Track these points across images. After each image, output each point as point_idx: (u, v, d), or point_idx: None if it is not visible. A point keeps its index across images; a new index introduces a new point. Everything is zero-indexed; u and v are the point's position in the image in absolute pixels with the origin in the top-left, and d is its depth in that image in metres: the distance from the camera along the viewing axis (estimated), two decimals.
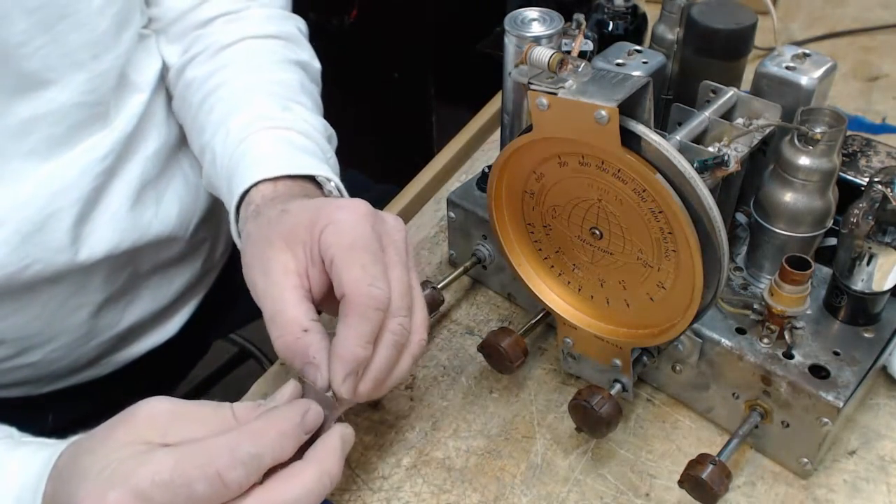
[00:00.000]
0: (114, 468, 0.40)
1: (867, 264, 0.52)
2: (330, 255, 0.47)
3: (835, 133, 0.51)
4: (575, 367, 0.61)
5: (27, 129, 0.60)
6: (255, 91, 0.66)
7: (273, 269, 0.49)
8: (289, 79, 0.69)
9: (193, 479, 0.39)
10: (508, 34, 0.55)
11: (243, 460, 0.40)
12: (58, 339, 0.69)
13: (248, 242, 0.52)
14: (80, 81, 0.62)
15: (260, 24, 0.72)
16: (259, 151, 0.60)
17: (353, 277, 0.46)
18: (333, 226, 0.48)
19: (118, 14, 0.63)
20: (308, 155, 0.60)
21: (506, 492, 0.55)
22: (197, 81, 0.69)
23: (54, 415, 0.75)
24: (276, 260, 0.49)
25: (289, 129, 0.62)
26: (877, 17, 1.06)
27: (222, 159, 0.62)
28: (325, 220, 0.48)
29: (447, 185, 0.83)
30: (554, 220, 0.54)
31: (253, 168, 0.58)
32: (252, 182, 0.57)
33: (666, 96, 0.63)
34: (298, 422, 0.43)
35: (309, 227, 0.49)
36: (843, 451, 0.56)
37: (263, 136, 0.61)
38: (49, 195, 0.62)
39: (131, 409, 0.43)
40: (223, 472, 0.40)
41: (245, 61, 0.69)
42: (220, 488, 0.40)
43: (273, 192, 0.56)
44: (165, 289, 0.77)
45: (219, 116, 0.65)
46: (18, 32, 0.57)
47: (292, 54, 0.72)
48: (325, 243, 0.48)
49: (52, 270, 0.64)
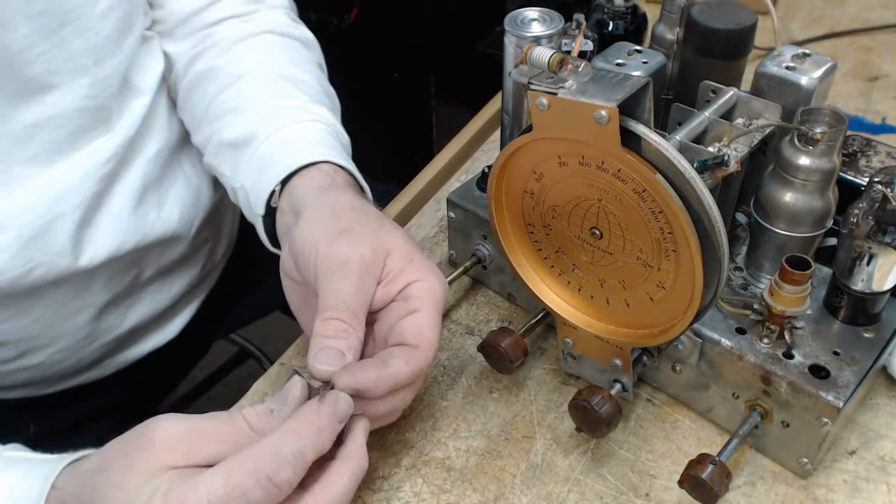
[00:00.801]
0: (161, 500, 0.40)
1: (867, 264, 0.52)
2: (416, 305, 0.51)
3: (835, 133, 0.51)
4: (575, 367, 0.61)
5: (30, 134, 0.60)
6: (287, 80, 0.67)
7: (351, 261, 0.50)
8: (310, 79, 0.69)
9: (248, 488, 0.40)
10: (508, 34, 0.55)
11: (289, 460, 0.41)
12: (59, 342, 0.69)
13: (324, 207, 0.54)
14: (82, 86, 0.62)
15: (274, 23, 0.72)
16: (315, 137, 0.62)
17: (431, 335, 0.50)
18: (427, 282, 0.52)
19: (121, 19, 0.63)
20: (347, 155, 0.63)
21: (506, 492, 0.55)
22: (215, 70, 0.68)
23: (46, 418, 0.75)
24: (354, 254, 0.51)
25: (330, 124, 0.64)
26: (877, 17, 1.06)
27: (266, 132, 0.62)
28: (419, 275, 0.52)
29: (447, 185, 0.83)
30: (554, 220, 0.54)
31: (316, 148, 0.60)
32: (319, 159, 0.59)
33: (666, 96, 0.63)
34: (332, 413, 0.44)
35: (401, 266, 0.52)
36: (843, 451, 0.56)
37: (311, 126, 0.63)
38: (51, 200, 0.62)
39: (143, 433, 0.43)
40: (272, 475, 0.40)
41: (271, 51, 0.70)
42: (273, 491, 0.41)
43: (336, 176, 0.58)
44: (167, 291, 0.77)
45: (252, 100, 0.65)
46: (21, 38, 0.57)
47: (313, 55, 0.72)
48: (414, 291, 0.51)
49: (54, 274, 0.63)
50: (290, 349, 0.66)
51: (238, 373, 1.27)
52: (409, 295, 0.51)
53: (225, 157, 0.65)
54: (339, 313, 0.48)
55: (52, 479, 0.44)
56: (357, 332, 0.48)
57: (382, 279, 0.52)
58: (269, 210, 0.60)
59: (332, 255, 0.50)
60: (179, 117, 0.73)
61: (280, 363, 0.65)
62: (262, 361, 1.19)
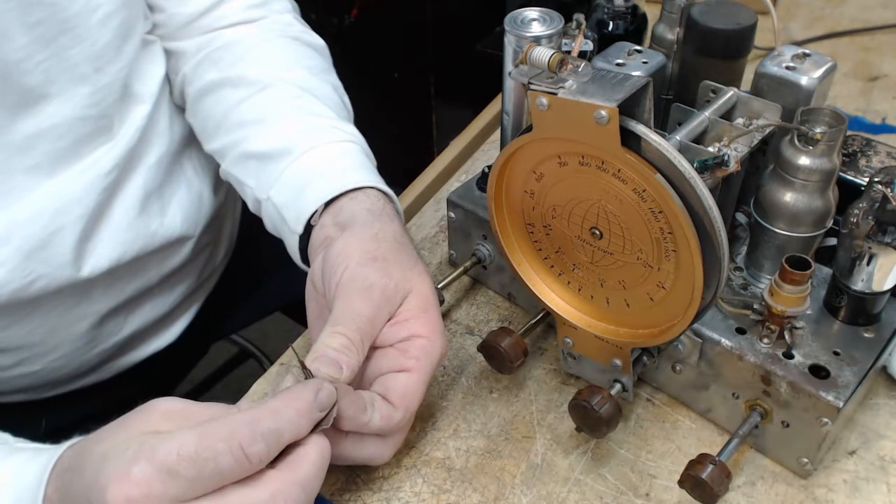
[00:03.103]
0: (136, 448, 0.40)
1: (867, 264, 0.52)
2: (411, 365, 0.51)
3: (835, 133, 0.51)
4: (575, 367, 0.61)
5: (30, 144, 0.60)
6: (310, 93, 0.67)
7: (375, 288, 0.51)
8: (330, 91, 0.69)
9: (219, 452, 0.40)
10: (508, 34, 0.55)
11: (264, 435, 0.41)
12: (59, 349, 0.68)
13: (370, 230, 0.55)
14: (82, 95, 0.61)
15: (286, 29, 0.72)
16: (357, 160, 0.62)
17: (412, 402, 0.51)
18: (429, 343, 0.52)
19: (120, 26, 0.63)
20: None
21: (506, 492, 0.55)
22: (232, 77, 0.68)
23: (48, 419, 0.75)
24: (379, 283, 0.52)
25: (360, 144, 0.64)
26: (877, 17, 1.06)
27: (302, 147, 0.62)
28: (426, 332, 0.52)
29: (447, 185, 0.83)
30: (554, 220, 0.54)
31: (362, 172, 0.60)
32: (368, 184, 0.59)
33: (666, 96, 0.63)
34: (312, 400, 0.44)
35: (414, 313, 0.53)
36: (843, 451, 0.56)
37: (349, 147, 0.63)
38: (53, 212, 0.62)
39: (145, 405, 0.44)
40: (245, 445, 0.41)
41: (289, 59, 0.69)
42: (243, 462, 0.41)
43: (387, 205, 0.59)
44: (167, 295, 0.77)
45: (279, 113, 0.65)
46: (19, 48, 0.56)
47: (326, 62, 0.72)
48: (413, 348, 0.52)
49: (55, 286, 0.63)
50: (290, 349, 0.66)
51: (238, 373, 1.27)
52: (407, 349, 0.51)
53: (249, 168, 0.65)
54: (349, 332, 0.49)
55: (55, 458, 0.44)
56: (359, 355, 0.49)
57: (394, 317, 0.52)
58: (305, 228, 0.59)
59: (359, 276, 0.51)
60: (182, 122, 0.73)
61: (280, 363, 0.65)
62: (262, 361, 1.19)
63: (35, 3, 0.56)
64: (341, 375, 0.47)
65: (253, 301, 0.92)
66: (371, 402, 0.49)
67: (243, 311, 0.93)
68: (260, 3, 0.72)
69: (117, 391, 0.78)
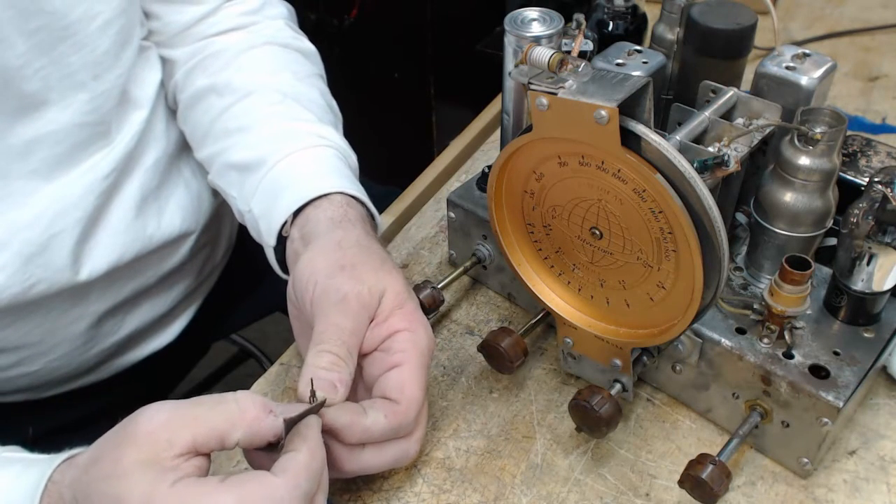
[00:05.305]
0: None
1: (867, 264, 0.52)
2: (399, 359, 0.51)
3: (835, 133, 0.51)
4: (575, 367, 0.61)
5: (29, 150, 0.60)
6: (293, 98, 0.67)
7: (349, 298, 0.51)
8: (315, 95, 0.69)
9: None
10: (508, 34, 0.55)
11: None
12: (58, 349, 0.68)
13: (331, 240, 0.55)
14: (81, 101, 0.61)
15: (276, 35, 0.72)
16: (327, 165, 0.62)
17: (413, 392, 0.51)
18: (412, 333, 0.52)
19: (119, 33, 0.63)
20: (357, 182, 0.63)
21: (506, 492, 0.55)
22: (218, 85, 0.68)
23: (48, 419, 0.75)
24: (353, 291, 0.51)
25: (338, 148, 0.64)
26: (877, 17, 1.06)
27: (276, 156, 0.62)
28: (405, 324, 0.52)
29: (447, 185, 0.83)
30: (554, 220, 0.54)
31: (329, 178, 0.60)
32: (332, 190, 0.59)
33: (666, 96, 0.63)
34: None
35: (390, 310, 0.52)
36: (843, 451, 0.56)
37: (322, 152, 0.63)
38: (52, 216, 0.62)
39: (128, 425, 0.43)
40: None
41: (274, 65, 0.69)
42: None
43: (349, 208, 0.59)
44: (166, 295, 0.77)
45: (259, 121, 0.65)
46: (18, 55, 0.57)
47: (315, 68, 0.72)
48: (397, 343, 0.51)
49: (54, 289, 0.63)
50: (290, 349, 0.66)
51: (238, 373, 1.27)
52: (391, 347, 0.52)
53: (231, 179, 0.65)
54: (334, 347, 0.49)
55: (48, 474, 0.44)
56: (349, 368, 0.49)
57: (374, 318, 0.52)
58: (279, 239, 0.60)
59: (332, 289, 0.51)
60: (179, 127, 0.73)
61: (280, 363, 0.65)
62: (262, 361, 1.19)
63: (35, 10, 0.57)
64: (337, 395, 0.47)
65: (252, 301, 0.92)
66: (371, 404, 0.49)
67: (243, 310, 0.93)
68: (254, 10, 0.72)
69: (117, 391, 0.78)
